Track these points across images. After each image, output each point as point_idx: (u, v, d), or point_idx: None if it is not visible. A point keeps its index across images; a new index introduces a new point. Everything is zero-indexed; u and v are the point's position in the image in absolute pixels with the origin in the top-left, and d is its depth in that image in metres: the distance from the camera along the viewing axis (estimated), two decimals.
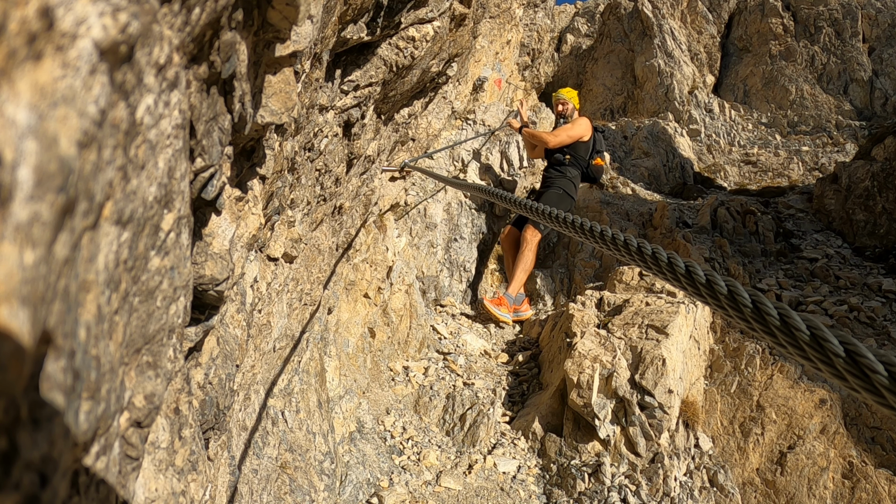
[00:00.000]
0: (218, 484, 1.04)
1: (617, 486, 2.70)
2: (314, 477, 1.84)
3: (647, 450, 2.87)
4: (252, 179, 1.01)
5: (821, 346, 0.28)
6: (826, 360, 0.28)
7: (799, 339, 0.29)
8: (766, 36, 13.86)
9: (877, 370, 0.26)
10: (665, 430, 2.93)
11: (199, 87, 0.61)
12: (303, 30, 0.90)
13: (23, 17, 0.25)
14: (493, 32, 5.29)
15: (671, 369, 3.05)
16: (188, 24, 0.50)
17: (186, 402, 0.78)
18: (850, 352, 0.27)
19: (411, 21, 1.85)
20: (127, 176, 0.39)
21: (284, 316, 1.70)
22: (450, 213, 4.57)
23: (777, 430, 3.21)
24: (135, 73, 0.38)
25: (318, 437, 1.95)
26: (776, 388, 3.35)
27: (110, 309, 0.40)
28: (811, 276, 4.89)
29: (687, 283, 0.38)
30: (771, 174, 10.86)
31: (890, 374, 0.25)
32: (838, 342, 0.28)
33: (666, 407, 2.95)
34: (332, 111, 1.65)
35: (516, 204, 1.19)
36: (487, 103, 5.41)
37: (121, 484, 0.48)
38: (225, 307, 1.01)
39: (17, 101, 0.24)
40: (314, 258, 1.98)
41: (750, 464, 3.15)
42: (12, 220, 0.23)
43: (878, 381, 0.25)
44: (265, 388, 1.62)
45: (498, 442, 2.91)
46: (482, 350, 3.78)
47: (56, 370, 0.29)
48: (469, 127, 5.08)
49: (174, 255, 0.53)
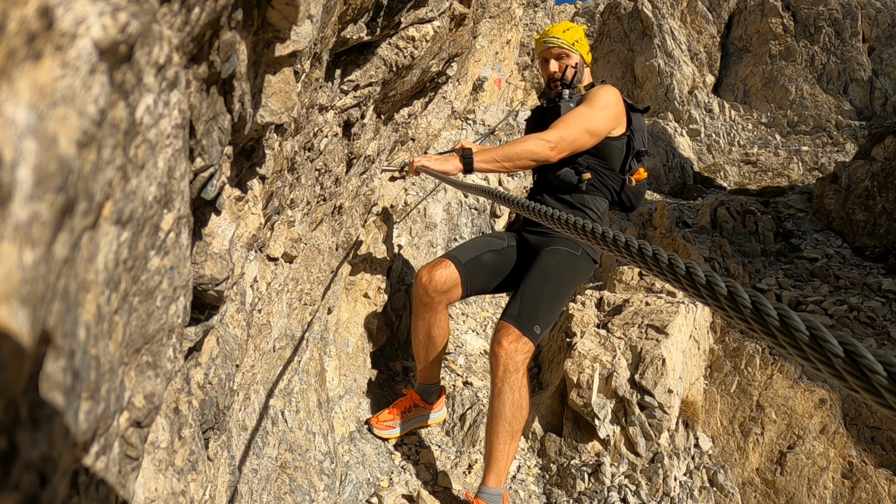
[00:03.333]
0: (218, 484, 1.04)
1: (617, 486, 2.70)
2: (314, 477, 1.84)
3: (647, 450, 2.87)
4: (252, 179, 1.01)
5: (820, 346, 0.28)
6: (825, 360, 0.28)
7: (798, 340, 0.29)
8: (766, 36, 13.86)
9: (876, 370, 0.26)
10: (665, 430, 2.93)
11: (199, 87, 0.61)
12: (303, 30, 0.90)
13: (22, 16, 0.25)
14: (492, 32, 5.30)
15: (671, 369, 3.05)
16: (188, 24, 0.50)
17: (186, 402, 0.78)
18: (850, 352, 0.27)
19: (411, 21, 1.85)
20: (126, 176, 0.39)
21: (284, 316, 1.70)
22: (450, 213, 4.57)
23: (777, 429, 3.21)
24: (134, 72, 0.38)
25: (318, 437, 1.95)
26: (776, 387, 3.35)
27: (110, 309, 0.40)
28: (811, 276, 4.89)
29: (687, 283, 0.38)
30: (771, 174, 10.86)
31: (889, 375, 0.25)
32: (837, 342, 0.28)
33: (666, 407, 2.95)
34: (332, 111, 1.65)
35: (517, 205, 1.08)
36: (487, 103, 5.41)
37: (120, 484, 0.48)
38: (225, 307, 1.01)
39: (17, 100, 0.24)
40: (314, 258, 1.98)
41: (750, 464, 3.15)
42: (12, 220, 0.23)
43: (878, 382, 0.26)
44: (265, 388, 1.62)
45: None
46: (482, 350, 3.78)
47: (56, 370, 0.29)
48: (469, 127, 5.08)
49: (174, 254, 0.53)
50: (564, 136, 2.15)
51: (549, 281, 2.16)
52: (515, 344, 2.04)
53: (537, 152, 2.12)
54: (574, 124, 2.18)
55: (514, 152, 2.11)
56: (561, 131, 2.16)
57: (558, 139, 2.13)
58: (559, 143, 2.14)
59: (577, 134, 2.18)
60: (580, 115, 2.20)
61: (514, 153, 2.11)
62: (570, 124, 2.18)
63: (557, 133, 2.15)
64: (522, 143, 2.13)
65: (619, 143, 2.31)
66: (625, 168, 2.37)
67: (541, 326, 2.10)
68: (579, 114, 2.20)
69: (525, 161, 2.13)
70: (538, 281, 2.15)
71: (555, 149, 2.13)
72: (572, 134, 2.16)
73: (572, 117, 2.20)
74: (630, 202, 2.47)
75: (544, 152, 2.12)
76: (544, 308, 2.11)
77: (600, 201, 2.36)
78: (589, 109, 2.20)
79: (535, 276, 2.17)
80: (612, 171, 2.35)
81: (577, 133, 2.17)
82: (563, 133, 2.15)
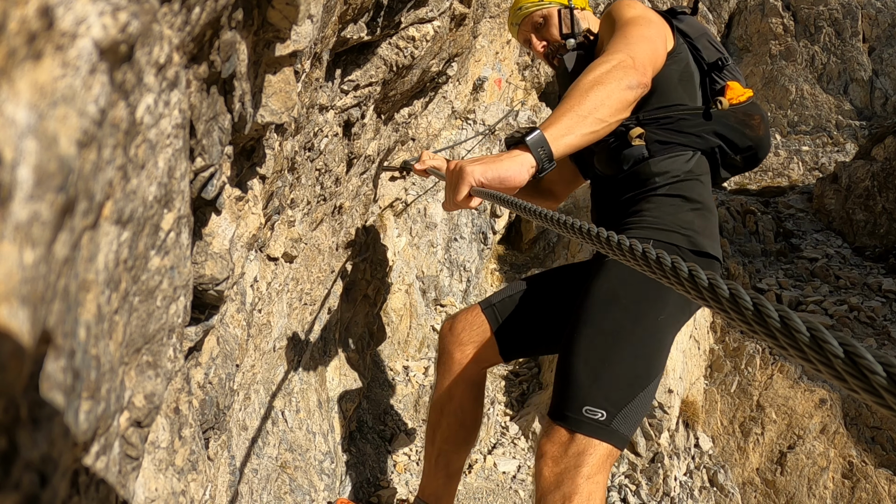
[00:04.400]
0: (218, 483, 1.04)
1: (617, 486, 2.70)
2: (314, 476, 1.84)
3: (647, 449, 2.87)
4: (252, 179, 1.01)
5: (821, 347, 0.28)
6: (826, 361, 0.28)
7: (799, 341, 0.29)
8: (766, 36, 13.86)
9: (875, 371, 0.26)
10: (665, 430, 2.93)
11: (199, 87, 0.61)
12: (303, 29, 0.90)
13: (23, 16, 0.25)
14: (493, 32, 5.29)
15: (671, 369, 3.05)
16: (188, 24, 0.50)
17: (186, 402, 0.78)
18: (849, 353, 0.27)
19: (411, 21, 1.85)
20: (127, 175, 0.39)
21: (285, 316, 1.70)
22: (450, 212, 4.57)
23: (777, 429, 3.21)
24: (135, 72, 0.38)
25: (318, 437, 1.95)
26: (776, 387, 3.35)
27: (110, 308, 0.40)
28: (811, 276, 4.89)
29: (690, 286, 0.38)
30: (771, 174, 10.86)
31: (888, 375, 0.25)
32: (838, 343, 0.28)
33: (666, 407, 2.95)
34: (333, 111, 1.65)
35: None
36: (488, 103, 5.41)
37: (121, 483, 0.48)
38: (225, 307, 1.01)
39: (17, 100, 0.24)
40: (314, 258, 1.98)
41: (750, 463, 3.15)
42: (12, 220, 0.23)
43: (877, 382, 0.26)
44: (265, 388, 1.62)
45: (498, 442, 2.91)
46: None
47: (56, 370, 0.29)
48: (469, 127, 5.08)
49: (174, 254, 0.53)
50: (633, 53, 1.25)
51: (608, 312, 1.27)
52: (561, 450, 1.13)
53: (624, 78, 1.19)
54: (627, 40, 1.30)
55: (596, 98, 1.15)
56: (623, 49, 1.26)
57: (629, 55, 1.24)
58: (635, 58, 1.24)
59: (643, 44, 1.30)
60: (620, 34, 1.33)
61: (598, 98, 1.15)
62: (625, 40, 1.30)
63: (621, 52, 1.25)
64: (595, 81, 1.17)
65: (675, 65, 1.43)
66: (706, 92, 1.47)
67: (610, 403, 1.17)
68: (618, 35, 1.33)
69: (619, 100, 1.18)
70: (587, 321, 1.27)
71: (637, 67, 1.23)
72: (638, 46, 1.28)
73: (615, 40, 1.31)
74: (741, 142, 1.44)
75: (631, 75, 1.20)
76: (605, 366, 1.21)
77: (673, 162, 1.41)
78: (622, 27, 1.35)
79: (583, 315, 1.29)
80: (683, 105, 1.43)
81: (641, 44, 1.29)
82: (628, 50, 1.26)
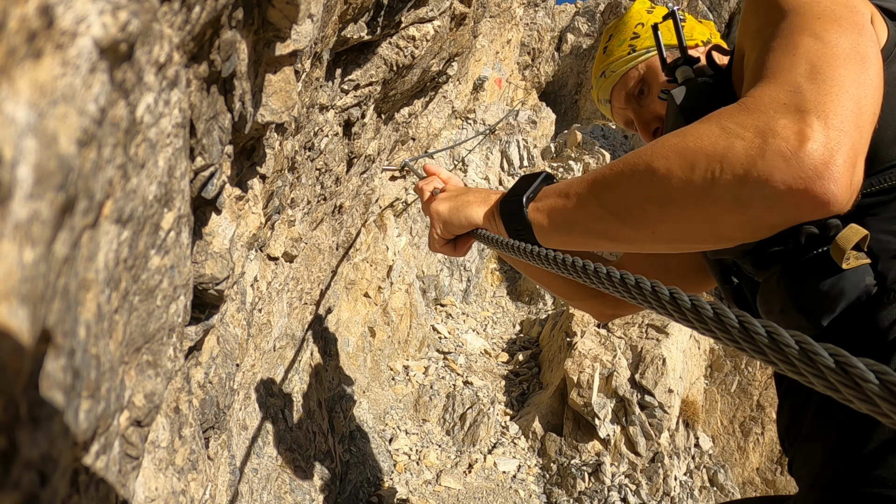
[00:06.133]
0: (218, 483, 1.04)
1: (617, 486, 2.70)
2: (314, 476, 1.84)
3: (648, 449, 2.87)
4: (252, 178, 1.00)
5: (811, 360, 0.28)
6: (818, 373, 0.28)
7: (789, 355, 0.29)
8: None
9: (868, 379, 0.26)
10: (665, 430, 2.93)
11: (200, 86, 0.61)
12: (303, 29, 0.90)
13: (23, 14, 0.25)
14: (493, 32, 5.29)
15: (671, 369, 3.05)
16: (188, 23, 0.50)
17: (186, 401, 0.78)
18: (841, 363, 0.27)
19: (411, 20, 1.85)
20: (127, 174, 0.39)
21: (285, 315, 1.70)
22: None
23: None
24: (135, 71, 0.37)
25: (318, 437, 1.95)
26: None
27: (110, 308, 0.40)
28: None
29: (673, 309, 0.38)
30: None
31: (881, 382, 0.25)
32: (828, 354, 0.28)
33: (666, 406, 2.95)
34: (333, 110, 1.65)
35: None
36: (488, 103, 5.40)
37: (121, 483, 0.48)
38: (225, 306, 1.01)
39: (17, 99, 0.24)
40: (314, 257, 1.98)
41: (750, 463, 3.15)
42: (12, 219, 0.23)
43: (871, 391, 0.26)
44: (265, 388, 1.62)
45: (498, 441, 2.91)
46: (482, 349, 3.78)
47: (56, 369, 0.29)
48: (469, 126, 5.08)
49: (174, 253, 0.53)
50: (811, 104, 0.51)
51: None
52: None
53: (766, 181, 0.50)
54: (795, 63, 0.55)
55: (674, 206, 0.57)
56: (785, 87, 0.53)
57: (798, 112, 0.51)
58: (812, 125, 0.49)
59: (839, 77, 0.52)
60: (784, 43, 0.59)
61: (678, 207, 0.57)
62: (792, 61, 0.56)
63: (780, 98, 0.53)
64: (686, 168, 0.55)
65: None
66: None
67: None
68: (779, 44, 0.59)
69: (732, 224, 0.55)
70: None
71: (814, 151, 0.49)
72: (826, 85, 0.52)
73: (772, 60, 0.58)
74: None
75: (787, 172, 0.49)
76: None
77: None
78: (789, 26, 0.60)
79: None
80: None
81: (834, 80, 0.52)
82: (798, 98, 0.51)
